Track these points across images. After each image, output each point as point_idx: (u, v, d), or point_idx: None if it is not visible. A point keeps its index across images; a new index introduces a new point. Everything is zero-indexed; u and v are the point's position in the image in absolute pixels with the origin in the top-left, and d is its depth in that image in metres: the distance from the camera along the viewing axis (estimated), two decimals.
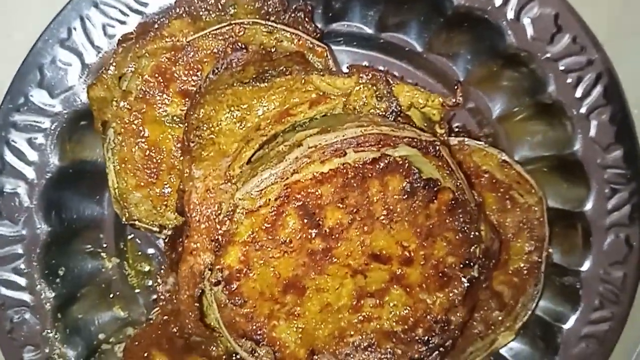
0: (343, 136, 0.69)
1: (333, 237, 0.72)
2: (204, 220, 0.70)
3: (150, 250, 0.94)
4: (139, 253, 0.95)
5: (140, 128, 0.78)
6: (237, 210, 0.69)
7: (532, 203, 0.87)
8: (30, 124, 0.80)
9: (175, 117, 0.79)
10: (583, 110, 0.87)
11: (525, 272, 0.89)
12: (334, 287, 0.74)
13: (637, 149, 0.88)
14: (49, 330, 0.86)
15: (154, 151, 0.79)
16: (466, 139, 0.85)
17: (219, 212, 0.70)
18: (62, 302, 0.87)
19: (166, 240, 0.77)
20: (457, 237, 0.75)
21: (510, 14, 0.84)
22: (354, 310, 0.75)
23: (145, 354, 0.85)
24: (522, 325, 0.90)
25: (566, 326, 0.93)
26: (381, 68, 0.93)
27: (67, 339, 0.88)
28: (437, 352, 0.78)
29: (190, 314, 0.73)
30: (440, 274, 0.76)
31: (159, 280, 0.77)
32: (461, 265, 0.76)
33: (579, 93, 0.87)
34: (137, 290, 0.95)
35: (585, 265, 0.92)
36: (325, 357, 0.75)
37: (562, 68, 0.86)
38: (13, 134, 0.79)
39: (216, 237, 0.69)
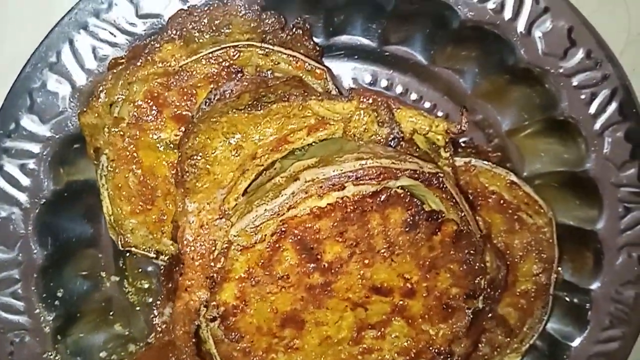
0: (341, 170, 0.66)
1: (332, 271, 0.70)
2: (198, 257, 0.68)
3: (150, 268, 0.93)
4: (139, 270, 0.93)
5: (134, 154, 0.76)
6: (232, 247, 0.67)
7: (542, 224, 0.84)
8: (22, 149, 0.77)
9: (169, 143, 0.76)
10: (597, 127, 0.83)
11: (533, 294, 0.86)
12: (334, 321, 0.72)
13: None
14: (50, 353, 0.86)
15: (148, 177, 0.77)
16: (473, 160, 0.82)
17: (214, 248, 0.68)
18: (62, 324, 0.86)
19: (162, 270, 0.76)
20: (461, 268, 0.72)
21: (521, 28, 0.79)
22: (354, 342, 0.74)
23: None
24: (528, 347, 0.88)
25: (574, 344, 0.91)
26: (385, 81, 0.89)
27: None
28: None
29: (186, 349, 0.71)
30: (444, 306, 0.74)
31: (155, 312, 0.76)
32: (465, 297, 0.73)
33: (592, 109, 0.83)
34: (137, 308, 0.94)
35: (596, 284, 0.90)
36: None
37: (575, 84, 0.81)
38: (5, 160, 0.77)
39: (211, 275, 0.67)
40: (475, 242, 0.72)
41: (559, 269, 0.88)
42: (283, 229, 0.67)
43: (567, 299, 0.91)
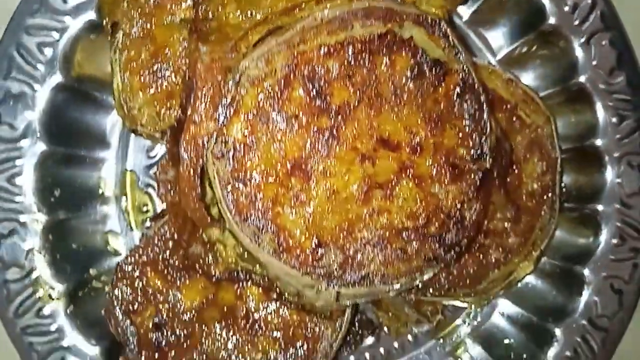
0: (350, 7, 0.70)
1: (340, 115, 0.71)
2: (209, 87, 0.68)
3: (151, 191, 0.92)
4: (139, 190, 0.91)
5: (150, 30, 0.79)
6: (242, 78, 0.68)
7: (541, 123, 0.86)
8: (44, 26, 0.80)
9: (184, 21, 0.80)
10: (583, 37, 0.89)
11: (539, 194, 0.85)
12: (342, 173, 0.71)
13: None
14: (37, 251, 0.81)
15: (160, 54, 0.79)
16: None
17: (225, 79, 0.69)
18: (54, 225, 0.83)
19: (169, 134, 0.75)
20: (466, 124, 0.73)
21: None
22: (362, 202, 0.72)
23: (139, 274, 0.80)
24: (540, 254, 0.85)
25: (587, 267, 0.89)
26: None
27: (57, 265, 0.82)
28: (452, 251, 0.73)
29: (192, 192, 0.69)
30: (452, 166, 0.73)
31: (158, 170, 0.74)
32: (473, 156, 0.73)
33: (577, 20, 0.89)
34: (134, 231, 0.91)
35: (602, 199, 0.89)
36: (332, 250, 0.70)
37: None
38: (25, 37, 0.80)
39: (221, 105, 0.68)
40: (479, 96, 0.74)
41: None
42: (293, 64, 0.69)
43: (576, 213, 0.90)
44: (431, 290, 0.82)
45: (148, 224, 0.84)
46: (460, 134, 0.73)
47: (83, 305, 0.84)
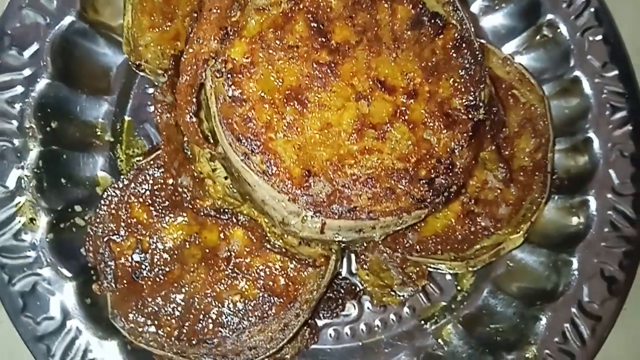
0: None
1: (339, 53, 0.73)
2: (216, 9, 0.71)
3: (145, 143, 0.93)
4: (134, 138, 0.92)
5: None
6: (248, 5, 0.71)
7: (535, 102, 0.88)
8: None
9: None
10: (578, 31, 0.93)
11: (531, 170, 0.86)
12: (337, 107, 0.72)
13: (631, 69, 0.92)
14: (26, 176, 0.81)
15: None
16: None
17: (231, 5, 0.71)
18: (46, 154, 0.83)
19: (173, 63, 0.76)
20: (462, 78, 0.75)
21: None
22: (354, 139, 0.72)
23: (124, 204, 0.79)
24: (529, 227, 0.84)
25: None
26: None
27: (43, 193, 0.82)
28: (441, 196, 0.73)
29: (187, 106, 0.70)
30: (445, 115, 0.74)
31: (156, 91, 0.74)
32: (466, 106, 0.75)
33: (572, 14, 0.93)
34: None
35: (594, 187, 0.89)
36: (321, 181, 0.70)
37: None
38: None
39: (225, 26, 0.70)
40: (475, 50, 0.76)
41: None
42: None
43: (568, 201, 0.91)
44: (418, 249, 0.81)
45: (140, 158, 0.84)
46: (455, 85, 0.75)
47: (63, 238, 0.82)
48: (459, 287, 0.93)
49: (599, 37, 0.92)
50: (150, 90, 0.92)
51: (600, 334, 0.85)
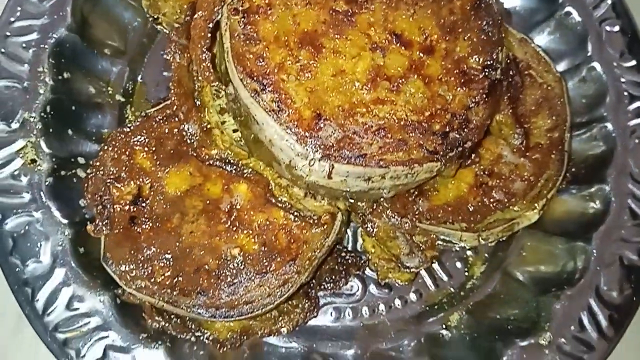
0: None
1: (357, 3, 0.73)
2: None
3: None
4: (145, 101, 0.91)
5: None
6: None
7: (552, 83, 0.86)
8: None
9: None
10: (596, 22, 0.93)
11: (547, 148, 0.83)
12: (352, 55, 0.71)
13: None
14: (33, 117, 0.79)
15: None
16: None
17: None
18: (56, 103, 0.82)
19: (191, 9, 0.76)
20: (480, 38, 0.75)
21: None
22: (368, 89, 0.71)
23: (128, 149, 0.77)
24: (545, 204, 0.81)
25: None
26: None
27: (48, 138, 0.80)
28: (454, 150, 0.70)
29: (201, 40, 0.69)
30: (462, 72, 0.73)
31: (173, 32, 0.74)
32: (483, 67, 0.73)
33: (590, 5, 0.93)
34: None
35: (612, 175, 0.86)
36: (332, 126, 0.68)
37: None
38: None
39: None
40: (494, 14, 0.76)
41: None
42: None
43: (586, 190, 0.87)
44: (428, 216, 0.78)
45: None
46: (473, 45, 0.74)
47: (62, 185, 0.79)
48: (468, 274, 0.88)
49: (617, 28, 0.92)
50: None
51: (620, 324, 0.80)
